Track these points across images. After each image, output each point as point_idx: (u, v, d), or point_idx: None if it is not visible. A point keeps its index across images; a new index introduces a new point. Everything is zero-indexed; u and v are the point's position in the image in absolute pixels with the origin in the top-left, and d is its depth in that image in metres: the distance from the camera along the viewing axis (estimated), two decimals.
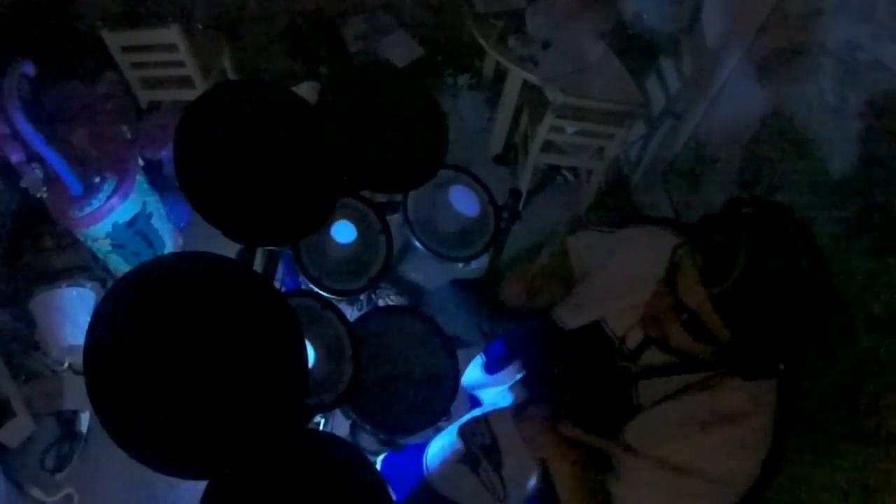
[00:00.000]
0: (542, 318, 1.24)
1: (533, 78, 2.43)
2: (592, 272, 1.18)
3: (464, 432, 1.32)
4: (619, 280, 1.09)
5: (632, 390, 1.00)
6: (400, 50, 3.21)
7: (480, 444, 1.27)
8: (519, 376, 1.35)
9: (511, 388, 1.37)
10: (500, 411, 1.32)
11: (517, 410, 1.22)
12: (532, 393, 1.30)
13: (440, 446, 1.38)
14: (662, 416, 0.95)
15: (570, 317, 1.16)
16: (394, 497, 1.41)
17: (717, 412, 0.90)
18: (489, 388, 1.46)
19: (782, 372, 0.90)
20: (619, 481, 0.99)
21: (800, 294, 0.76)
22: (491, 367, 1.42)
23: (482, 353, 1.46)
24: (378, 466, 1.55)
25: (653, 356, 0.97)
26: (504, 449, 1.25)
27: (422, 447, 1.44)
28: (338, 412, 1.30)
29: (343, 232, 1.40)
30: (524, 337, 1.37)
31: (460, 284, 1.59)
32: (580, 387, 1.13)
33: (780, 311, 0.77)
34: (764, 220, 0.80)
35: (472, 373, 1.48)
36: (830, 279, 0.80)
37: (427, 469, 1.37)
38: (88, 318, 0.82)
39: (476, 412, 1.40)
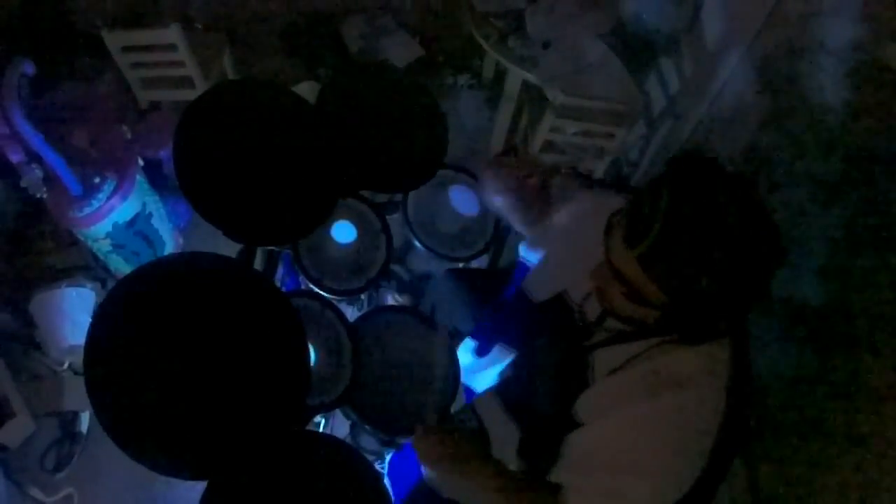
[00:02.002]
0: (516, 293, 1.25)
1: (533, 78, 2.43)
2: (553, 240, 1.18)
3: (453, 420, 1.32)
4: (576, 249, 1.08)
5: (588, 362, 0.97)
6: (400, 50, 3.21)
7: (468, 430, 1.26)
8: (509, 359, 1.36)
9: (502, 372, 1.37)
10: (482, 395, 1.32)
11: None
12: (516, 370, 1.29)
13: None
14: (610, 386, 0.92)
15: (538, 289, 1.17)
16: (394, 499, 1.41)
17: (665, 378, 0.86)
18: (480, 373, 1.46)
19: (728, 332, 0.87)
20: (565, 464, 0.94)
21: (727, 246, 0.72)
22: (482, 350, 1.42)
23: (470, 337, 1.46)
24: (385, 468, 1.55)
25: (611, 325, 0.96)
26: (490, 430, 1.25)
27: None
28: (338, 412, 1.30)
29: (343, 232, 1.40)
30: (509, 315, 1.37)
31: (458, 275, 1.59)
32: (548, 362, 1.13)
33: (707, 264, 0.73)
34: (687, 174, 0.76)
35: (462, 358, 1.48)
36: (769, 231, 0.75)
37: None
38: (88, 318, 0.82)
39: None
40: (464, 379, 1.52)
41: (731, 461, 0.85)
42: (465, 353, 1.48)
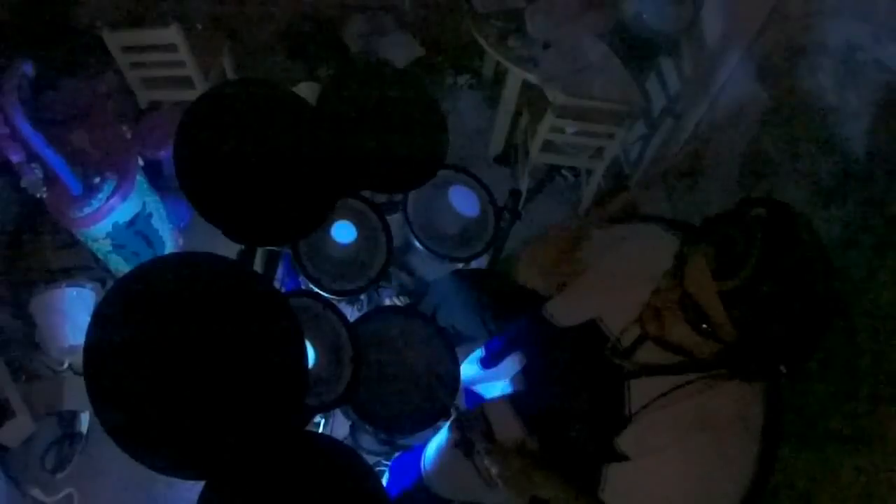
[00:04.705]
0: (535, 315, 1.24)
1: (533, 78, 2.43)
2: (589, 269, 1.18)
3: (459, 422, 1.32)
4: (617, 278, 1.08)
5: (624, 390, 1.00)
6: (400, 50, 3.21)
7: (476, 431, 1.27)
8: (518, 368, 1.36)
9: (512, 379, 1.37)
10: (496, 400, 1.32)
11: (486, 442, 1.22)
12: (532, 384, 1.30)
13: (437, 441, 1.38)
14: (653, 423, 0.95)
15: (565, 315, 1.16)
16: (394, 497, 1.42)
17: (706, 419, 0.90)
18: (489, 382, 1.46)
19: (778, 375, 0.90)
20: (612, 490, 0.99)
21: (810, 296, 0.77)
22: (487, 363, 1.42)
23: (482, 348, 1.46)
24: (389, 467, 1.55)
25: (647, 354, 0.97)
26: (498, 436, 1.25)
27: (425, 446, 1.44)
28: (338, 412, 1.30)
29: (343, 232, 1.40)
30: (523, 332, 1.37)
31: (462, 276, 1.60)
32: (577, 386, 1.13)
33: (789, 311, 0.77)
34: (777, 220, 0.80)
35: (469, 368, 1.48)
36: (836, 280, 0.80)
37: (424, 465, 1.37)
38: (88, 318, 0.82)
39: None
40: (470, 385, 1.53)
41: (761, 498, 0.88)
42: (471, 364, 1.48)
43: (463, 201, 1.51)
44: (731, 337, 0.82)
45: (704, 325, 0.83)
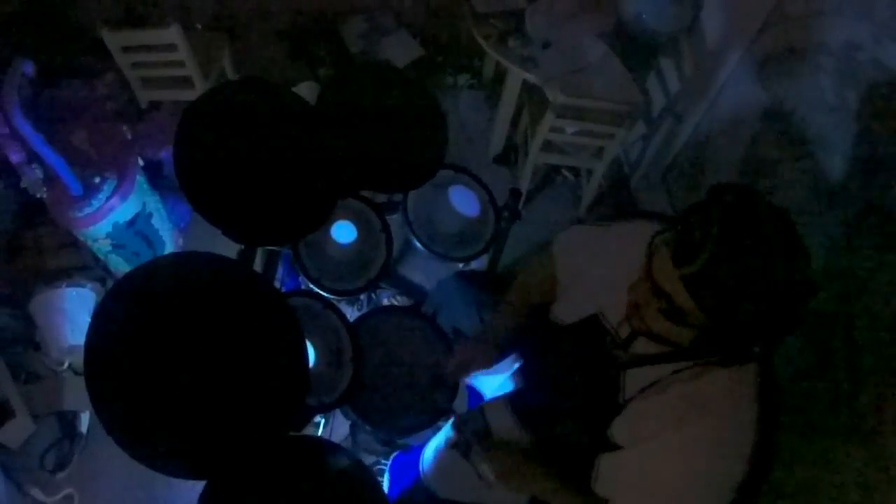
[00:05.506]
0: (539, 316, 1.25)
1: (533, 78, 2.43)
2: (586, 268, 1.19)
3: (459, 422, 1.33)
4: (614, 273, 1.09)
5: (619, 381, 1.00)
6: (400, 50, 3.21)
7: (473, 431, 1.27)
8: (517, 365, 1.36)
9: (511, 376, 1.37)
10: (495, 400, 1.32)
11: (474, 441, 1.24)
12: (529, 380, 1.30)
13: (436, 442, 1.38)
14: (643, 411, 0.96)
15: (568, 313, 1.17)
16: (393, 496, 1.42)
17: (698, 404, 0.90)
18: (486, 377, 1.47)
19: (759, 357, 0.90)
20: (604, 480, 1.00)
21: (771, 275, 0.77)
22: None
23: None
24: (388, 466, 1.56)
25: (641, 346, 0.98)
26: (497, 434, 1.25)
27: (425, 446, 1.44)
28: (338, 412, 1.30)
29: (343, 232, 1.40)
30: (521, 332, 1.37)
31: (465, 277, 1.60)
32: (573, 379, 1.14)
33: (751, 291, 0.77)
34: (738, 204, 0.80)
35: None
36: (806, 263, 0.80)
37: (422, 466, 1.38)
38: (88, 318, 0.82)
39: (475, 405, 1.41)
40: (469, 382, 1.53)
41: (760, 490, 0.88)
42: None
43: (463, 201, 1.51)
44: (701, 322, 0.82)
45: (674, 313, 0.84)
